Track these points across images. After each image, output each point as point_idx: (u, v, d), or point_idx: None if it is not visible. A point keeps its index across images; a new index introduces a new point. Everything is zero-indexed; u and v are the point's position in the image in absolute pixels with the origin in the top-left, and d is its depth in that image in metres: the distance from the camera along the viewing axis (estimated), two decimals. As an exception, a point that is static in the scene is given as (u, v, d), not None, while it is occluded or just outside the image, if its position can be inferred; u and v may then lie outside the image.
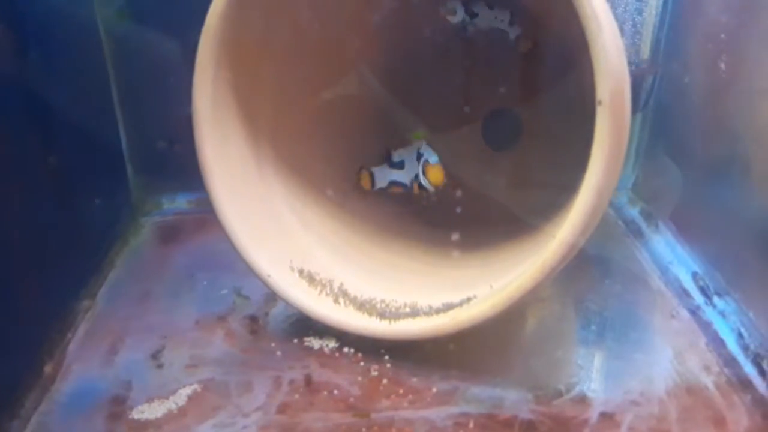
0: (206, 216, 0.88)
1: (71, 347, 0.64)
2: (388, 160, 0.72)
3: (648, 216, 0.86)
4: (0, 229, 0.57)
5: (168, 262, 0.81)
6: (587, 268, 0.76)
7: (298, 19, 0.66)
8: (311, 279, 0.66)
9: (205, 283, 0.75)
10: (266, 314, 0.69)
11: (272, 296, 0.69)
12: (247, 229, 0.64)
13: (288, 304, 0.64)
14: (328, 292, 0.65)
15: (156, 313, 0.70)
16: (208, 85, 0.62)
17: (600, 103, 0.48)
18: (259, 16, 0.62)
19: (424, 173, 0.68)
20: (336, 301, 0.64)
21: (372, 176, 0.73)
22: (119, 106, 0.88)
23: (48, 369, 0.61)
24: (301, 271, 0.66)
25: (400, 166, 0.71)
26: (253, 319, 0.69)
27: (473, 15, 0.69)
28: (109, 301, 0.72)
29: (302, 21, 0.67)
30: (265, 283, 0.64)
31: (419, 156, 0.69)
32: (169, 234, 0.87)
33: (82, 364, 0.62)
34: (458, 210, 0.70)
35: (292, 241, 0.69)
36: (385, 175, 0.73)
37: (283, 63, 0.67)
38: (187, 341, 0.65)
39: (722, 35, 0.71)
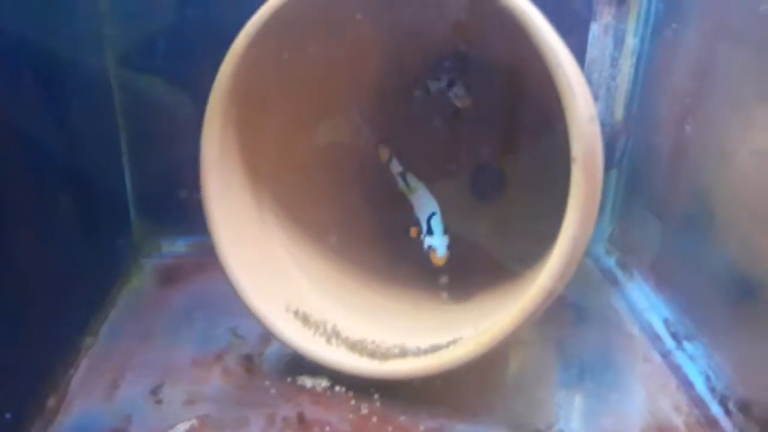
0: (203, 259, 0.92)
1: (74, 381, 0.66)
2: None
3: (623, 266, 0.90)
4: (10, 266, 0.59)
5: (167, 302, 0.83)
6: (566, 313, 0.79)
7: (298, 78, 0.70)
8: (305, 320, 0.68)
9: (202, 322, 0.77)
10: (261, 354, 0.71)
11: (267, 336, 0.71)
12: (246, 271, 0.67)
13: (282, 343, 0.66)
14: (322, 332, 0.67)
15: (155, 351, 0.71)
16: (215, 137, 0.66)
17: (574, 160, 0.52)
18: (264, 76, 0.66)
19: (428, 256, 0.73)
20: (328, 341, 0.66)
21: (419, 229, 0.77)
22: (126, 153, 0.91)
23: (51, 402, 0.62)
24: (296, 312, 0.68)
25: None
26: (248, 358, 0.70)
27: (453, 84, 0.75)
28: (111, 338, 0.74)
29: (303, 80, 0.71)
30: (260, 323, 0.66)
31: (429, 228, 0.73)
32: (168, 275, 0.89)
33: (84, 398, 0.63)
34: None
35: (288, 283, 0.71)
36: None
37: (284, 117, 0.71)
38: (185, 378, 0.66)
39: (687, 99, 0.76)
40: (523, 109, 0.77)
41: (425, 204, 0.77)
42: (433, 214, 0.75)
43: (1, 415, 0.55)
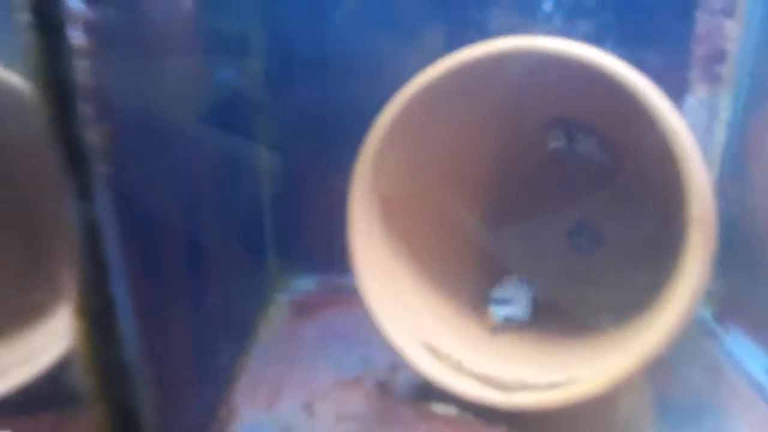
0: (328, 295, 1.02)
1: (238, 395, 0.75)
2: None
3: (720, 317, 0.93)
4: (206, 302, 0.70)
5: (301, 331, 0.92)
6: (665, 360, 0.83)
7: (432, 141, 0.80)
8: (434, 352, 0.76)
9: (336, 351, 0.86)
10: (394, 380, 0.79)
11: (396, 365, 0.79)
12: (382, 308, 0.76)
13: (416, 373, 0.73)
14: (449, 364, 0.75)
15: (301, 372, 0.80)
16: (363, 194, 0.76)
17: (694, 218, 0.58)
18: (405, 140, 0.76)
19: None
20: (457, 372, 0.74)
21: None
22: (268, 205, 1.03)
23: (223, 412, 0.72)
24: (426, 345, 0.76)
25: (505, 302, 0.83)
26: (383, 383, 0.78)
27: (572, 141, 0.82)
28: (261, 359, 0.84)
29: (435, 143, 0.80)
30: (396, 354, 0.74)
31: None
32: (300, 309, 0.99)
33: (248, 410, 0.73)
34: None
35: (417, 319, 0.79)
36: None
37: (417, 178, 0.81)
38: (331, 398, 0.75)
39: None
40: (629, 167, 0.83)
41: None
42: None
43: (192, 419, 0.65)
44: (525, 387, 0.69)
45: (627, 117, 0.66)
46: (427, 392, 0.75)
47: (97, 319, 0.44)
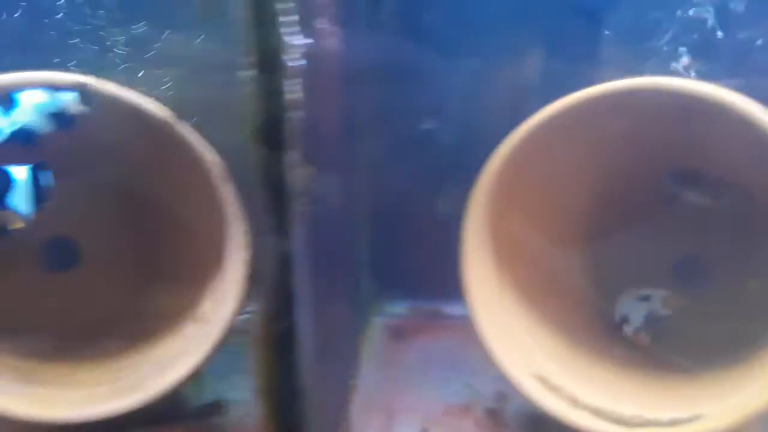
0: (420, 321, 1.03)
1: (354, 416, 0.78)
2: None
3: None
4: (324, 326, 0.73)
5: (400, 355, 0.94)
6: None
7: (544, 184, 0.81)
8: (546, 383, 0.76)
9: (438, 377, 0.87)
10: (503, 409, 0.80)
11: (503, 394, 0.80)
12: (494, 338, 0.77)
13: (530, 403, 0.74)
14: (562, 396, 0.75)
15: (409, 398, 0.82)
16: (476, 226, 0.78)
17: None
18: (521, 177, 0.78)
19: None
20: (571, 405, 0.74)
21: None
22: (367, 235, 1.06)
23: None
24: (537, 376, 0.77)
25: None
26: (492, 411, 0.79)
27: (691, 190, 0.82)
28: (368, 384, 0.86)
29: (546, 185, 0.82)
30: (511, 384, 0.75)
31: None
32: (396, 334, 1.01)
33: (366, 430, 0.75)
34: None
35: (526, 351, 0.80)
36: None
37: (527, 212, 0.82)
38: (444, 424, 0.77)
39: None
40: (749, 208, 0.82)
41: None
42: None
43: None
44: (645, 423, 0.69)
45: (755, 157, 0.66)
46: (538, 422, 0.76)
47: (279, 345, 0.46)
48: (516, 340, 0.80)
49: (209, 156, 0.74)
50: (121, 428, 0.73)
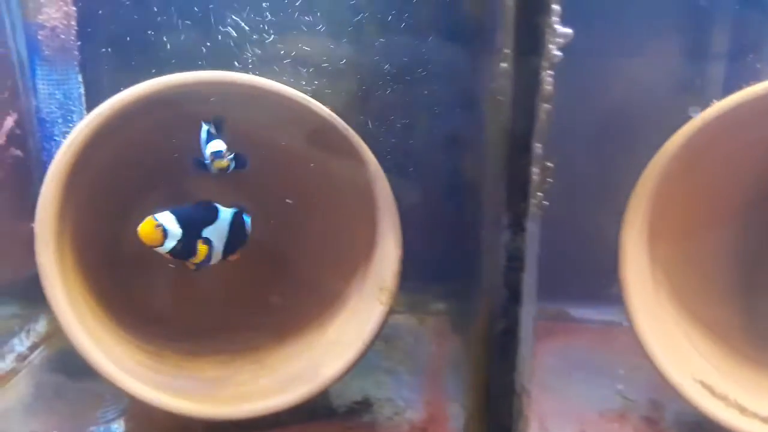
0: (547, 323, 1.01)
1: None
2: None
3: None
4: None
5: (541, 360, 0.91)
6: None
7: (705, 184, 0.78)
8: (711, 391, 0.73)
9: (585, 382, 0.85)
10: (661, 417, 0.77)
11: (658, 401, 0.78)
12: (656, 344, 0.74)
13: (694, 411, 0.71)
14: (730, 404, 0.72)
15: (560, 403, 0.80)
16: (635, 228, 0.75)
17: None
18: (685, 178, 0.75)
19: None
20: (741, 413, 0.71)
21: None
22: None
23: None
24: (701, 383, 0.73)
25: None
26: (650, 420, 0.77)
27: None
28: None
29: (707, 186, 0.79)
30: (676, 392, 0.72)
31: None
32: (526, 336, 0.99)
33: (525, 436, 0.74)
34: None
35: (685, 357, 0.77)
36: None
37: (686, 213, 0.79)
38: (602, 431, 0.74)
39: None
40: None
41: None
42: None
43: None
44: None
45: None
46: (699, 431, 0.72)
47: (499, 343, 0.46)
48: (675, 345, 0.77)
49: (366, 152, 0.75)
50: (273, 425, 0.74)
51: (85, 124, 0.68)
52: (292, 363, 0.79)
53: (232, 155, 0.64)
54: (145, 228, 0.58)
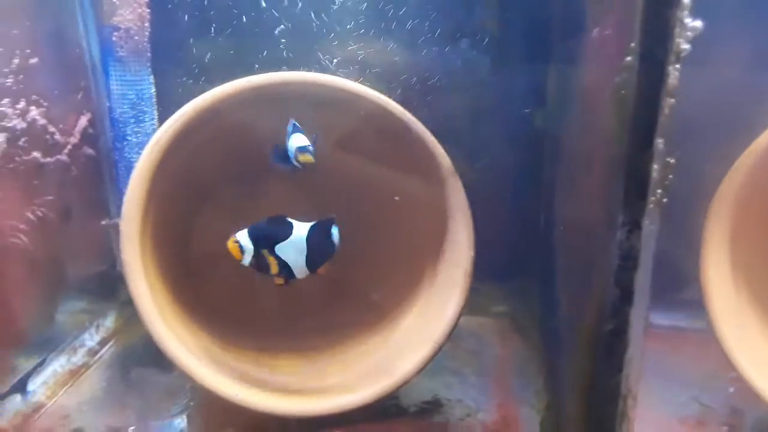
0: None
1: (584, 425, 0.75)
2: None
3: None
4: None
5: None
6: None
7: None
8: (798, 400, 0.71)
9: (659, 388, 0.82)
10: (742, 424, 0.74)
11: (737, 409, 0.75)
12: (739, 351, 0.72)
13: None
14: (820, 414, 0.69)
15: (638, 408, 0.78)
16: (718, 230, 0.74)
17: None
18: (762, 186, 0.73)
19: None
20: (834, 424, 0.68)
21: None
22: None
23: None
24: (787, 392, 0.71)
25: None
26: (731, 427, 0.74)
27: None
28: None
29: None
30: (763, 398, 0.69)
31: None
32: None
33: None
34: None
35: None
36: None
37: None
38: (686, 437, 0.73)
39: None
40: None
41: None
42: None
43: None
44: None
45: None
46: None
47: (607, 343, 0.45)
48: (758, 350, 0.74)
49: (439, 151, 0.75)
50: (341, 423, 0.73)
51: (169, 125, 0.68)
52: (367, 359, 0.79)
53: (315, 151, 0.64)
54: (229, 244, 0.64)
